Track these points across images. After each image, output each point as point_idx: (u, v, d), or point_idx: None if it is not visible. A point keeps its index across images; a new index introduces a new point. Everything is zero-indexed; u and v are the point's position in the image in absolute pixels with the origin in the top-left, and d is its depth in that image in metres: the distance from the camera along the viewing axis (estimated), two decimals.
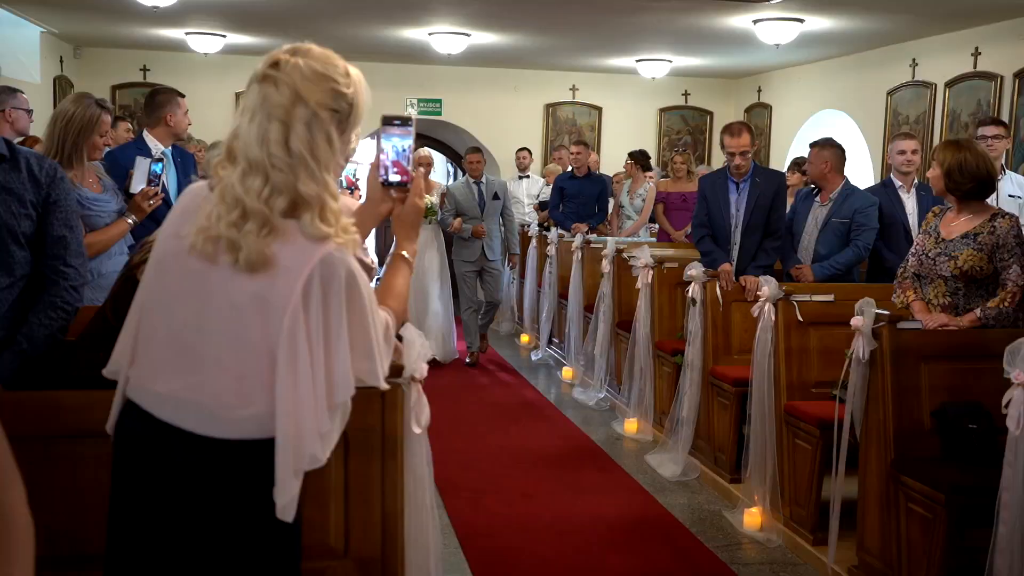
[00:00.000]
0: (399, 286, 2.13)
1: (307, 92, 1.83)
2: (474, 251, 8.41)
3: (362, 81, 1.95)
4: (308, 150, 1.81)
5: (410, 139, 2.13)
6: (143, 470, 1.87)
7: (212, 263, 1.80)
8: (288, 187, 1.80)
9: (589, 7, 7.75)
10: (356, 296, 1.81)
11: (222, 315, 1.81)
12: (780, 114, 11.44)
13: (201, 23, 9.30)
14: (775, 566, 4.33)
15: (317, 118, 1.83)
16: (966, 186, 3.99)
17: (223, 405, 1.81)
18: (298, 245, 1.79)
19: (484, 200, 8.40)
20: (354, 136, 1.97)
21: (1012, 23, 7.69)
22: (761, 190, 5.53)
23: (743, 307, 5.36)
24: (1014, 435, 3.12)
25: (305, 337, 1.76)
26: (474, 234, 8.32)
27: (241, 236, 1.77)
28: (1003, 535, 3.13)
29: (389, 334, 1.97)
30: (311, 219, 1.80)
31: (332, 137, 1.86)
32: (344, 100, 1.88)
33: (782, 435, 4.68)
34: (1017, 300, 3.91)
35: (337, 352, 1.79)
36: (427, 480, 2.67)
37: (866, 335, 3.83)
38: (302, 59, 1.86)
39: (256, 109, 1.83)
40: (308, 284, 1.77)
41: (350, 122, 1.91)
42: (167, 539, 1.85)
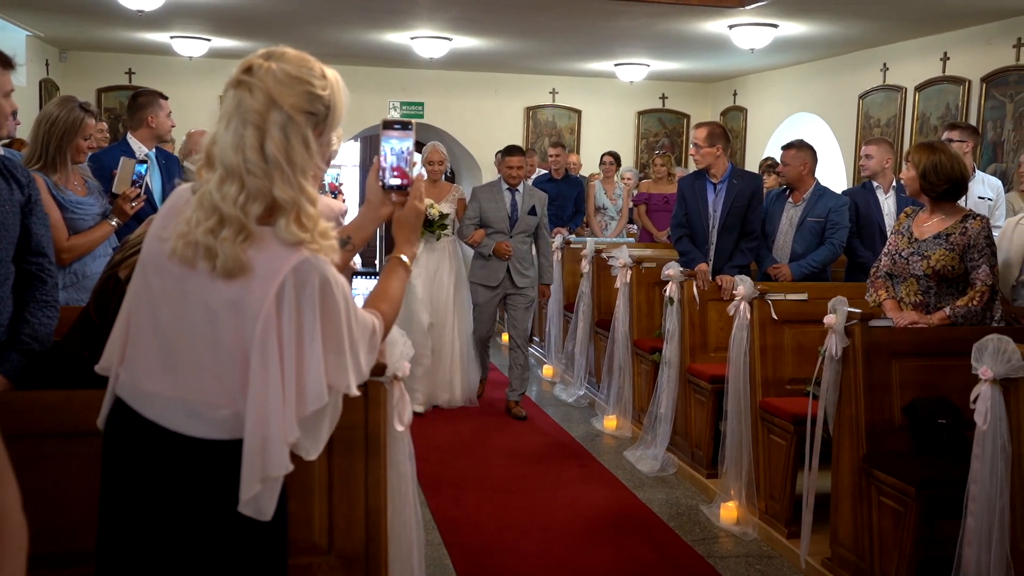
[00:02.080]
0: (393, 289, 2.11)
1: (281, 96, 1.79)
2: (495, 273, 6.63)
3: (339, 82, 1.91)
4: (284, 155, 1.78)
5: (409, 142, 2.13)
6: (130, 468, 1.86)
7: (191, 268, 1.79)
8: (263, 193, 1.77)
9: (568, 12, 7.76)
10: (330, 303, 1.78)
11: (200, 319, 1.79)
12: (755, 117, 11.49)
13: (186, 27, 9.25)
14: (751, 559, 4.35)
15: (292, 122, 1.80)
16: (941, 187, 4.02)
17: (205, 405, 1.80)
18: (273, 251, 1.77)
19: (518, 213, 6.64)
20: (335, 137, 1.96)
21: (979, 29, 7.76)
22: (738, 191, 5.56)
23: (719, 306, 5.38)
24: (982, 429, 3.14)
25: (277, 343, 1.74)
26: (497, 253, 6.57)
27: (218, 243, 1.75)
28: (971, 527, 3.16)
29: (375, 339, 1.93)
30: (286, 224, 1.77)
31: (309, 140, 1.82)
32: (320, 102, 1.85)
33: (757, 431, 4.70)
34: (986, 299, 3.95)
35: (309, 359, 1.76)
36: (410, 477, 2.67)
37: (839, 333, 3.86)
38: (276, 63, 1.83)
39: (231, 115, 1.80)
40: (281, 290, 1.74)
41: (328, 124, 1.88)
42: (154, 536, 1.84)
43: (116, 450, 1.89)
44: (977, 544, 3.12)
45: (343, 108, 1.92)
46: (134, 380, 1.88)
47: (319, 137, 1.86)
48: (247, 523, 1.82)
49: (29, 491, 1.33)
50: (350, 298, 1.83)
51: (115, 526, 1.89)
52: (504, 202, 6.61)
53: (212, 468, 1.81)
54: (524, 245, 6.69)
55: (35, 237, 2.72)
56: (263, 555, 1.90)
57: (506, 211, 6.59)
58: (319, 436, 1.86)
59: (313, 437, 1.85)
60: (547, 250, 6.85)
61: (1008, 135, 7.42)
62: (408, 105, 11.83)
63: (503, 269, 6.62)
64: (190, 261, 1.79)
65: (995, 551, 3.09)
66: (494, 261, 6.61)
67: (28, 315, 2.66)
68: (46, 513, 2.35)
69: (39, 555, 2.25)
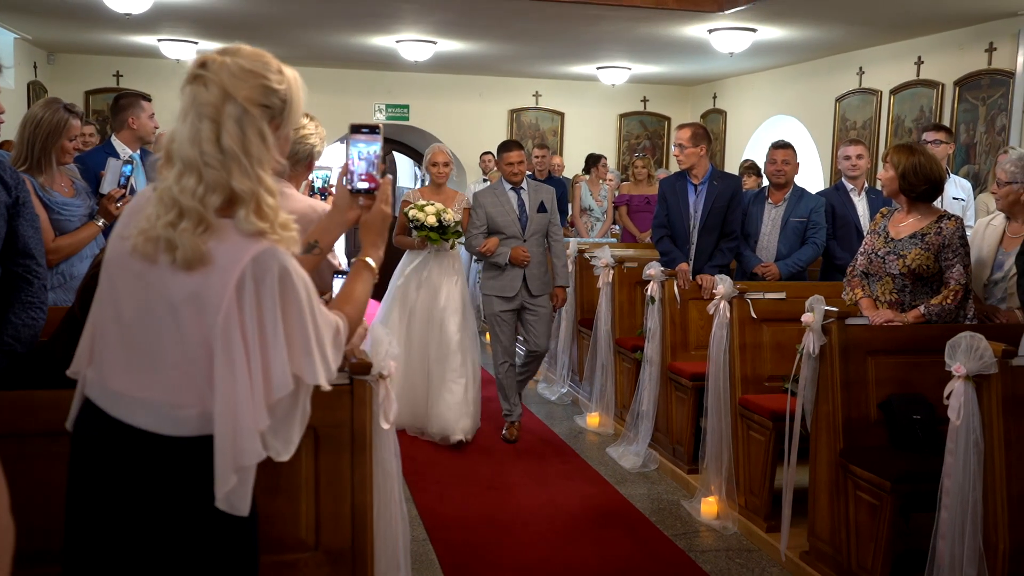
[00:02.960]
0: (358, 293, 2.09)
1: (235, 89, 1.78)
2: (511, 283, 5.88)
3: (297, 80, 1.90)
4: (240, 147, 1.77)
5: (377, 146, 2.11)
6: (98, 468, 1.84)
7: (152, 263, 1.78)
8: (222, 184, 1.76)
9: (551, 17, 7.76)
10: (291, 293, 1.76)
11: (163, 314, 1.78)
12: (734, 119, 11.53)
13: (173, 30, 9.19)
14: (731, 552, 4.36)
15: (248, 114, 1.79)
16: (920, 187, 4.05)
17: (170, 403, 1.78)
18: (232, 242, 1.76)
19: (527, 213, 5.91)
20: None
21: (952, 34, 7.81)
22: (718, 192, 5.58)
23: (700, 305, 5.40)
24: (955, 425, 3.16)
25: (240, 334, 1.72)
26: (513, 260, 5.82)
27: (177, 235, 1.74)
28: (945, 520, 3.18)
29: (339, 339, 1.91)
30: (246, 215, 1.76)
31: (265, 133, 1.81)
32: (276, 96, 1.84)
33: (737, 427, 4.71)
34: (959, 298, 3.97)
35: (273, 348, 1.75)
36: (395, 474, 2.66)
37: (816, 331, 3.87)
38: (230, 58, 1.82)
39: (188, 110, 1.79)
40: (241, 281, 1.72)
41: (284, 118, 1.87)
42: (121, 536, 1.82)
43: (84, 450, 1.87)
44: (951, 536, 3.15)
45: (301, 104, 1.91)
46: (101, 379, 1.86)
47: (276, 131, 1.85)
48: (216, 521, 1.80)
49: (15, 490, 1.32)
50: (312, 291, 1.81)
51: (82, 527, 1.86)
52: (510, 203, 5.90)
53: (179, 466, 1.79)
54: (540, 248, 5.98)
55: (22, 239, 2.70)
56: (232, 554, 1.87)
57: (514, 213, 5.88)
58: (290, 437, 1.84)
59: (284, 438, 1.83)
60: (561, 251, 6.09)
61: (980, 137, 7.48)
62: (393, 107, 11.82)
63: (519, 278, 5.89)
64: (151, 256, 1.77)
65: (968, 543, 3.12)
66: (510, 269, 5.87)
67: (12, 316, 2.63)
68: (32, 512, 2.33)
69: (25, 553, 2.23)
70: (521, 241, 5.87)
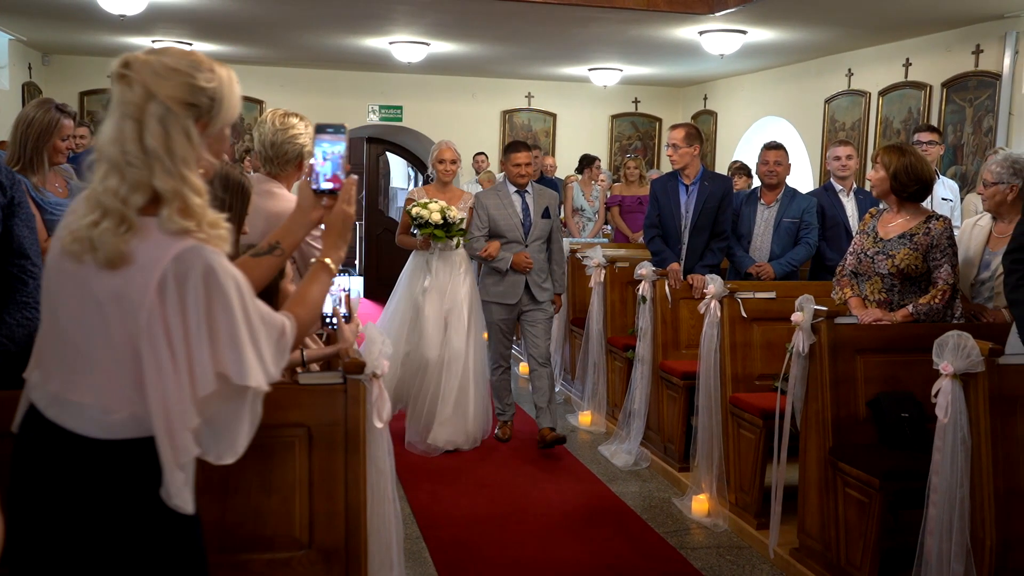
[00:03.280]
0: (313, 295, 2.05)
1: (158, 87, 1.75)
2: (512, 289, 5.70)
3: (231, 78, 1.86)
4: (163, 146, 1.74)
5: (342, 145, 2.08)
6: (35, 472, 1.81)
7: (79, 263, 1.76)
8: (144, 184, 1.73)
9: (543, 18, 7.76)
10: (216, 291, 1.71)
11: (91, 314, 1.75)
12: (725, 121, 11.55)
13: (168, 32, 9.17)
14: (721, 549, 4.37)
15: (171, 113, 1.75)
16: (912, 187, 4.07)
17: (100, 407, 1.76)
18: (154, 241, 1.72)
19: (531, 218, 5.72)
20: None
21: (940, 36, 7.84)
22: (709, 193, 5.59)
23: (691, 304, 5.41)
24: (942, 423, 3.18)
25: (164, 333, 1.69)
26: (516, 266, 5.66)
27: (97, 235, 1.72)
28: (933, 517, 3.19)
29: (284, 340, 1.87)
30: (169, 214, 1.72)
31: (190, 132, 1.77)
32: (204, 94, 1.79)
33: (727, 425, 4.72)
34: (947, 297, 3.99)
35: (197, 346, 1.71)
36: (388, 472, 2.66)
37: (805, 330, 3.88)
38: (155, 56, 1.79)
39: (113, 110, 1.77)
40: (163, 279, 1.69)
41: (213, 117, 1.82)
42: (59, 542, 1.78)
43: (23, 454, 1.85)
44: (938, 533, 3.16)
45: (234, 103, 1.86)
46: (42, 381, 1.84)
47: (205, 129, 1.81)
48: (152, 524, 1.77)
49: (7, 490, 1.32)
50: (246, 290, 1.77)
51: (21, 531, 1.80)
52: (514, 207, 5.70)
53: (111, 469, 1.76)
54: (541, 254, 5.78)
55: (17, 239, 2.68)
56: (172, 558, 1.83)
57: (518, 217, 5.68)
58: (235, 440, 1.81)
59: (228, 441, 1.81)
60: (561, 257, 5.93)
61: (968, 138, 7.51)
62: (387, 108, 11.81)
63: (521, 284, 5.69)
64: (78, 256, 1.75)
65: (955, 540, 3.13)
66: (511, 275, 5.69)
67: (6, 316, 2.62)
68: None
69: None
70: (523, 246, 5.68)
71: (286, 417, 2.49)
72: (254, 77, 11.17)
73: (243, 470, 2.45)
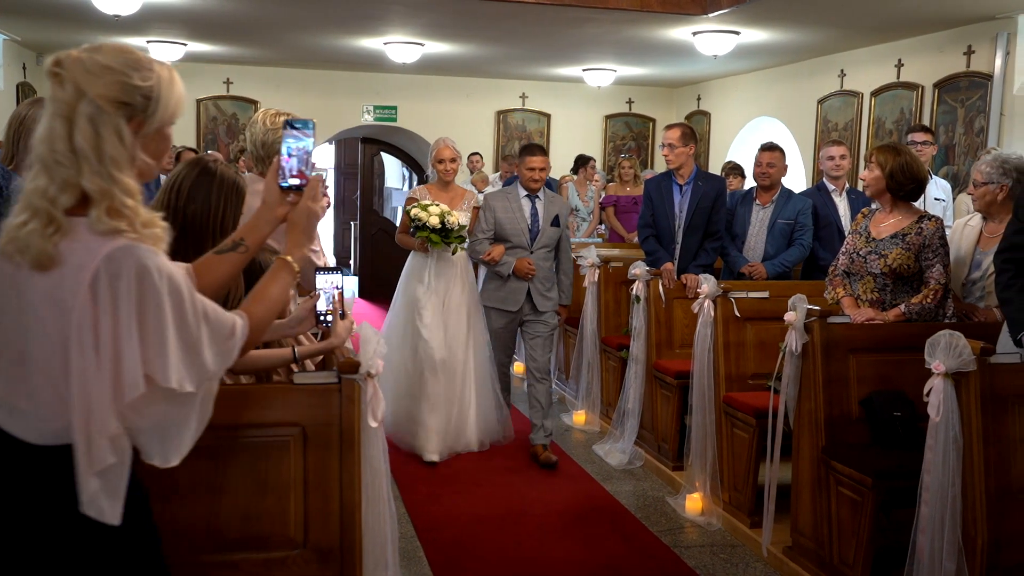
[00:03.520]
0: (272, 293, 2.00)
1: (88, 85, 1.70)
2: (514, 296, 5.49)
3: (170, 77, 1.81)
4: (92, 146, 1.69)
5: (308, 141, 2.06)
6: None
7: (14, 265, 1.73)
8: (72, 184, 1.69)
9: (538, 19, 7.76)
10: (149, 291, 1.67)
11: (28, 317, 1.73)
12: (718, 121, 11.56)
13: (162, 32, 9.15)
14: (715, 548, 4.37)
15: (102, 112, 1.70)
16: (908, 186, 4.08)
17: (36, 412, 1.73)
18: (85, 242, 1.69)
19: (539, 224, 5.49)
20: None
21: (932, 37, 7.86)
22: (703, 193, 5.59)
23: (684, 304, 5.41)
24: (934, 421, 3.18)
25: (92, 334, 1.66)
26: (517, 272, 5.44)
27: (25, 235, 1.69)
28: (925, 515, 3.20)
29: (232, 340, 1.82)
30: (98, 215, 1.68)
31: (122, 132, 1.72)
32: (138, 93, 1.74)
33: (721, 424, 4.73)
34: (939, 297, 4.00)
35: (127, 348, 1.66)
36: (384, 472, 2.65)
37: (798, 329, 3.89)
38: (88, 54, 1.74)
39: (46, 109, 1.73)
40: (95, 280, 1.65)
41: (149, 116, 1.76)
42: None
43: None
44: (930, 531, 3.16)
45: (172, 102, 1.80)
46: None
47: (139, 129, 1.76)
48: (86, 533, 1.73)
49: None
50: (184, 289, 1.73)
51: None
52: (523, 212, 5.48)
53: (46, 475, 1.73)
54: (547, 262, 5.53)
55: None
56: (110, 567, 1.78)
57: (525, 222, 5.46)
58: (181, 442, 1.78)
59: (174, 443, 1.77)
60: (569, 267, 5.70)
61: (959, 139, 7.52)
62: (382, 109, 11.80)
63: (523, 291, 5.48)
64: (11, 257, 1.72)
65: (947, 538, 3.14)
66: (513, 281, 5.47)
67: None
68: None
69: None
70: (528, 252, 5.46)
71: (281, 416, 2.49)
72: (249, 77, 11.16)
73: (238, 470, 2.45)
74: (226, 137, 11.06)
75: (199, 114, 11.06)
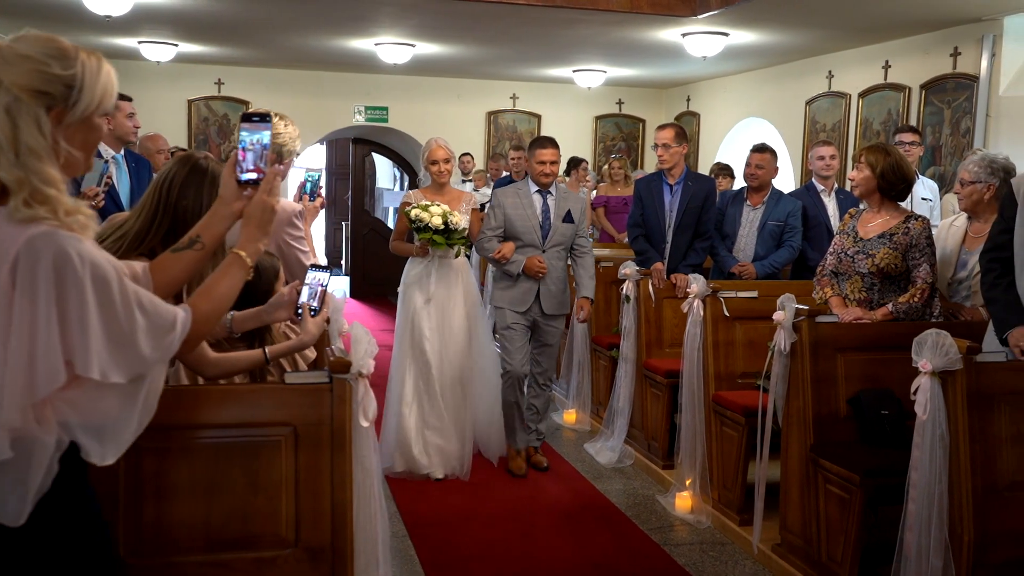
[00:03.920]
0: (221, 289, 1.93)
1: (4, 74, 1.66)
2: (523, 297, 5.17)
3: (98, 67, 1.76)
4: (9, 136, 1.65)
5: (261, 134, 2.01)
6: None
7: None
8: None
9: (528, 20, 7.76)
10: (70, 277, 1.61)
11: None
12: (707, 122, 11.58)
13: (154, 32, 9.12)
14: (704, 546, 4.38)
15: (19, 102, 1.66)
16: (899, 186, 4.11)
17: None
18: (4, 231, 1.64)
19: (550, 221, 5.20)
20: (101, 121, 1.80)
21: (919, 38, 7.89)
22: (693, 193, 5.60)
23: (674, 303, 5.42)
24: (921, 419, 3.19)
25: (6, 322, 1.61)
26: (527, 271, 5.13)
27: None
28: (912, 512, 3.21)
29: (172, 334, 1.75)
30: (16, 205, 1.63)
31: (41, 121, 1.67)
32: (59, 82, 1.69)
33: (710, 423, 4.74)
34: (926, 296, 4.02)
35: (45, 336, 1.61)
36: (375, 471, 2.65)
37: (787, 329, 3.90)
38: (10, 43, 1.70)
39: None
40: (14, 267, 1.60)
41: (71, 106, 1.71)
42: None
43: None
44: (917, 528, 3.18)
45: (98, 92, 1.75)
46: None
47: (61, 119, 1.71)
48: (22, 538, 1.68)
49: None
50: (109, 276, 1.66)
51: None
52: (534, 208, 5.18)
53: None
54: (559, 262, 5.23)
55: None
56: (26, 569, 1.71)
57: (536, 219, 5.17)
58: (121, 438, 1.73)
59: (114, 440, 1.72)
60: (589, 263, 5.33)
61: (946, 139, 7.55)
62: (373, 109, 11.78)
63: (532, 292, 5.17)
64: None
65: (934, 535, 3.15)
66: (523, 281, 5.15)
67: None
68: None
69: None
70: (539, 251, 5.15)
71: (272, 416, 2.48)
72: (240, 78, 11.13)
73: (229, 469, 2.44)
74: (217, 137, 11.03)
75: (190, 115, 11.03)
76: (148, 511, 2.37)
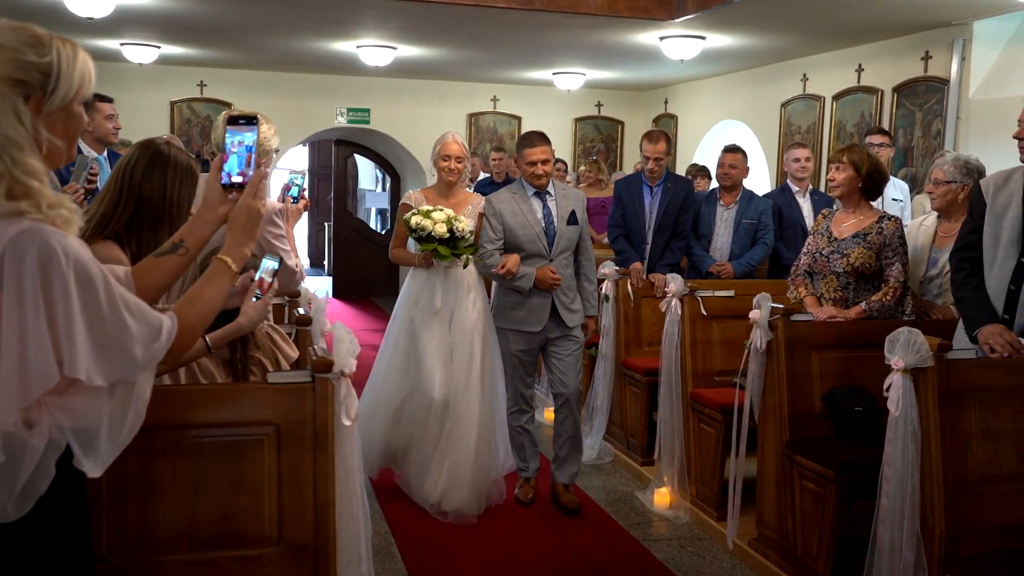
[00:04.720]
0: (206, 296, 1.87)
1: None
2: (536, 314, 4.52)
3: (74, 55, 1.71)
4: None
5: (251, 137, 1.97)
6: None
7: None
8: None
9: (508, 24, 7.76)
10: (56, 273, 1.56)
11: None
12: (685, 124, 11.62)
13: (136, 34, 9.04)
14: (683, 541, 4.40)
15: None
16: (881, 185, 4.18)
17: None
18: None
19: (554, 225, 4.55)
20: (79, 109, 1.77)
21: (891, 42, 7.95)
22: (672, 194, 5.63)
23: (652, 302, 5.44)
24: (894, 416, 3.21)
25: None
26: (540, 284, 4.47)
27: None
28: (885, 506, 3.23)
29: (159, 342, 1.70)
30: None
31: (20, 111, 1.62)
32: (35, 70, 1.64)
33: (688, 420, 4.76)
34: (898, 294, 4.05)
35: (33, 335, 1.56)
36: (357, 469, 2.64)
37: (763, 327, 3.92)
38: None
39: None
40: (0, 264, 1.55)
41: (49, 93, 1.66)
42: None
43: None
44: (890, 522, 3.20)
45: (76, 79, 1.70)
46: None
47: (40, 107, 1.66)
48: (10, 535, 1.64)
49: None
50: (94, 275, 1.61)
51: None
52: (535, 212, 4.53)
53: None
54: (568, 268, 4.59)
55: None
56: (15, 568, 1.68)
57: (539, 224, 4.51)
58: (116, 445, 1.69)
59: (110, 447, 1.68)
60: (592, 273, 4.73)
61: (917, 141, 7.62)
62: (355, 111, 11.75)
63: (547, 307, 4.50)
64: None
65: (907, 528, 3.17)
66: (535, 296, 4.49)
67: None
68: None
69: None
70: (547, 261, 4.51)
71: (255, 415, 2.47)
72: (222, 80, 11.06)
73: (212, 468, 2.43)
74: (200, 139, 10.95)
75: (173, 116, 10.95)
76: (132, 510, 2.36)
